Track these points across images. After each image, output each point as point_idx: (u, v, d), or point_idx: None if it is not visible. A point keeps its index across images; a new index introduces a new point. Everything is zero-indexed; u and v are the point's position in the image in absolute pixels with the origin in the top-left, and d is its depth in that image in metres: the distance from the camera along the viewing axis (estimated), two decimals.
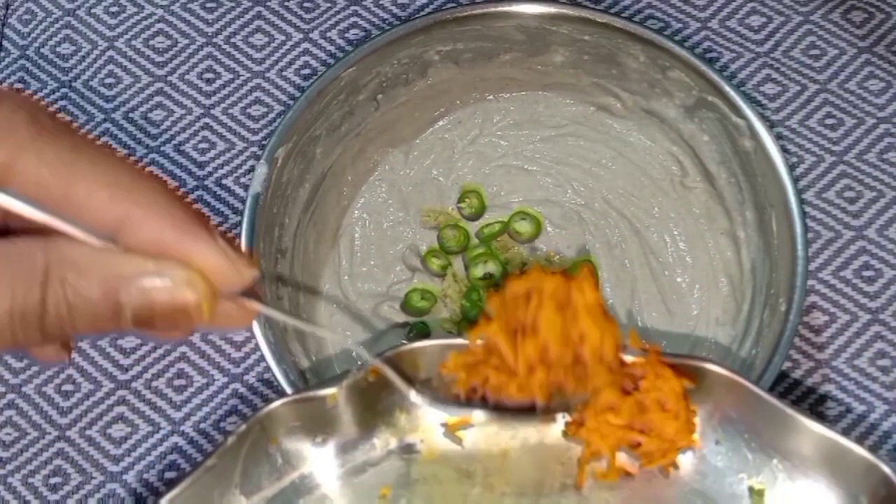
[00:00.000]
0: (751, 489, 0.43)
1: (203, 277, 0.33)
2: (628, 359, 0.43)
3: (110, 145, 0.59)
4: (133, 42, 0.62)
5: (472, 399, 0.43)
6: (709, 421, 0.43)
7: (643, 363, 0.43)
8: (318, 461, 0.44)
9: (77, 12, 0.63)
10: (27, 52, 0.62)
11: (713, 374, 0.43)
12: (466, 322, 0.53)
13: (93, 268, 0.32)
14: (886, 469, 0.40)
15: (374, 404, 0.44)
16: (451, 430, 0.45)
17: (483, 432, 0.45)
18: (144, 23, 0.62)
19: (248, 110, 0.60)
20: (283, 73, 0.61)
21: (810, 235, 0.55)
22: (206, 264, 0.33)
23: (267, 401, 0.53)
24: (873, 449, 0.51)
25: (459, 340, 0.44)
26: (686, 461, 0.44)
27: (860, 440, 0.51)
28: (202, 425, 0.53)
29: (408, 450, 0.45)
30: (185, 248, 0.33)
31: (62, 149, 0.32)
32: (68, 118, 0.58)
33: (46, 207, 0.32)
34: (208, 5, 0.63)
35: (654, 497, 0.44)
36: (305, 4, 0.63)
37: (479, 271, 0.55)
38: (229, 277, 0.34)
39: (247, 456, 0.42)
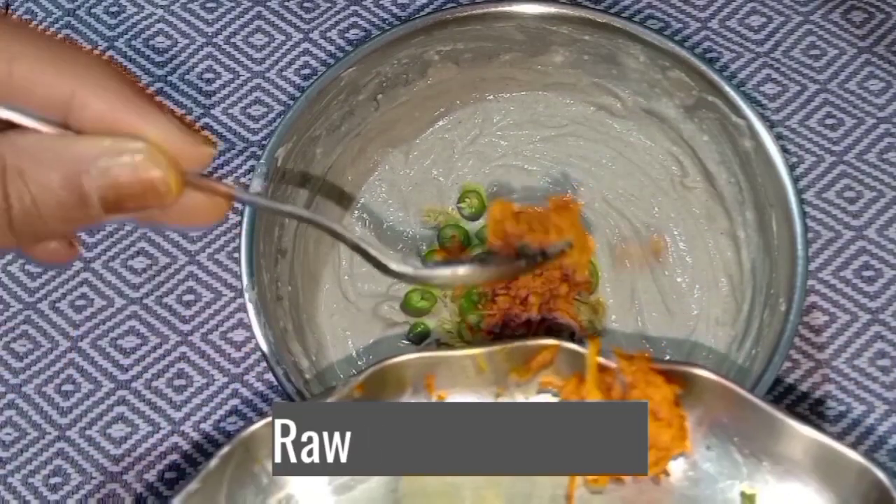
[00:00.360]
0: (742, 494, 0.43)
1: (162, 149, 0.32)
2: (612, 364, 0.43)
3: (49, 29, 0.57)
4: (133, 42, 0.62)
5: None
6: (699, 427, 0.43)
7: (633, 371, 0.42)
8: (305, 480, 0.43)
9: (77, 12, 0.63)
10: None
11: (703, 379, 0.42)
12: (466, 322, 0.53)
13: (49, 154, 0.31)
14: (878, 472, 0.40)
15: None
16: None
17: None
18: (144, 23, 0.62)
19: (248, 110, 0.60)
20: (283, 73, 0.61)
21: (810, 235, 0.55)
22: (159, 138, 0.32)
23: (267, 401, 0.53)
24: (873, 449, 0.51)
25: (445, 353, 0.44)
26: (677, 467, 0.43)
27: (860, 440, 0.51)
28: (202, 425, 0.53)
29: None
30: (136, 123, 0.32)
31: None
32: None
33: None
34: (208, 5, 0.63)
35: None
36: (305, 4, 0.63)
37: None
38: (186, 151, 0.33)
39: (231, 478, 0.41)
